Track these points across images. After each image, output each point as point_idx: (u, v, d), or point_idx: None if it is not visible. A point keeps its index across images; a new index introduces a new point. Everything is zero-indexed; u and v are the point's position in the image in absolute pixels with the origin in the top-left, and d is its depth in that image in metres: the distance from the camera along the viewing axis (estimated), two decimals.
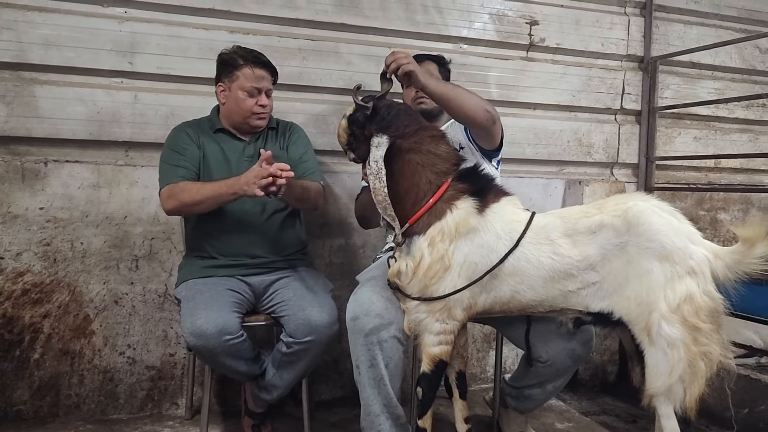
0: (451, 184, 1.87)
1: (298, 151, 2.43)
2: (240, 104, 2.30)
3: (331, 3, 2.80)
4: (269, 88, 2.35)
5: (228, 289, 2.19)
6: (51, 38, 2.45)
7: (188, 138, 2.31)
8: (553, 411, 2.84)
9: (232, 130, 2.38)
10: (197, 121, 2.42)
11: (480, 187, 1.89)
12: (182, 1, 2.60)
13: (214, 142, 2.34)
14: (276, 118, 2.51)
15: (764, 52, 3.61)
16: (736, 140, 3.61)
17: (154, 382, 2.66)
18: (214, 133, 2.36)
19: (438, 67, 2.50)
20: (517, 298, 1.85)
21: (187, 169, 2.25)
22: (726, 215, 3.56)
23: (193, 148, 2.30)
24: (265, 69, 2.32)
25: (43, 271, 2.49)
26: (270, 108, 2.37)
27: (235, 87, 2.29)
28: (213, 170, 2.29)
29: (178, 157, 2.27)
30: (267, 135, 2.43)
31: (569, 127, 3.26)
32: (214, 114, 2.42)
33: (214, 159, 2.32)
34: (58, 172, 2.50)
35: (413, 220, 1.86)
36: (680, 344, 1.65)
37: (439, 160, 1.90)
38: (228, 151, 2.34)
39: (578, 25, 3.22)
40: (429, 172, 1.88)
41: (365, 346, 1.98)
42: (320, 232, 2.86)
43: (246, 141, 2.38)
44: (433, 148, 1.91)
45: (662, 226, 1.70)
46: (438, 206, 1.85)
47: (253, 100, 2.30)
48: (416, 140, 1.90)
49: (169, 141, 2.33)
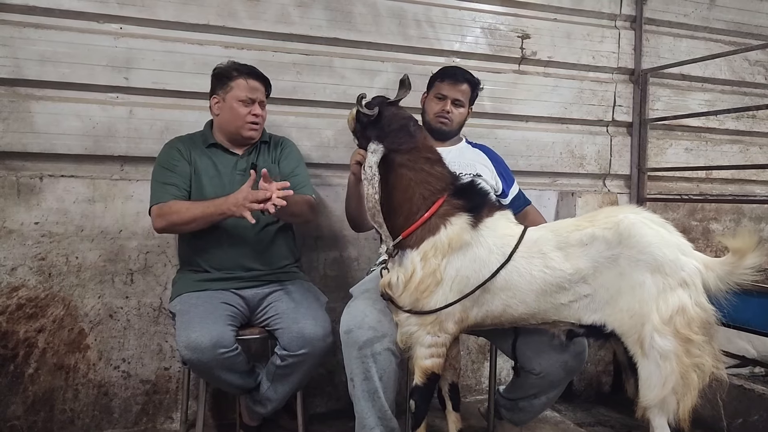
0: (447, 200, 1.89)
1: (289, 166, 2.44)
2: (234, 114, 2.32)
3: (324, 18, 2.83)
4: (263, 100, 2.37)
5: (222, 302, 2.19)
6: (47, 54, 2.47)
7: (179, 154, 2.32)
8: (548, 422, 2.84)
9: (225, 143, 2.39)
10: (190, 136, 2.43)
11: (475, 203, 1.91)
12: (177, 17, 2.62)
13: (206, 156, 2.35)
14: (269, 133, 2.53)
15: (753, 64, 3.66)
16: (726, 151, 3.65)
17: (149, 396, 2.65)
18: (207, 147, 2.37)
19: (471, 92, 2.53)
20: (509, 312, 1.86)
21: (178, 186, 2.26)
22: (718, 225, 3.59)
23: (183, 165, 2.31)
24: (259, 81, 2.35)
25: (38, 285, 2.49)
26: (263, 120, 2.39)
27: (230, 98, 2.31)
28: (205, 186, 2.30)
29: (169, 174, 2.27)
30: (260, 149, 2.45)
31: (561, 139, 3.29)
32: (207, 129, 2.43)
33: (206, 174, 2.32)
34: (53, 186, 2.51)
35: (406, 233, 1.88)
36: (673, 356, 1.67)
37: (433, 179, 1.92)
38: (220, 166, 2.35)
39: (569, 38, 3.26)
40: (423, 188, 1.90)
41: (359, 359, 1.99)
42: (315, 245, 2.87)
43: (239, 155, 2.39)
44: (428, 168, 1.93)
45: (653, 239, 1.72)
46: (432, 221, 1.86)
47: (247, 109, 2.32)
48: (410, 158, 1.92)
49: (160, 158, 2.34)
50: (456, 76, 2.48)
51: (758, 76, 3.67)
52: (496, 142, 2.92)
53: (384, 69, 2.92)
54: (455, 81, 2.47)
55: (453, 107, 2.47)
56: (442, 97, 2.47)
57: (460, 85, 2.47)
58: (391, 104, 2.00)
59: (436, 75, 2.55)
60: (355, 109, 2.00)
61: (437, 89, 2.49)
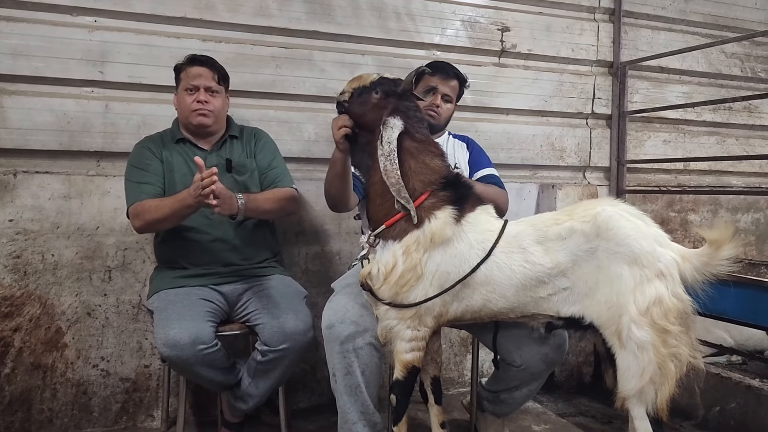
0: (433, 193, 1.88)
1: (266, 159, 2.42)
2: (182, 104, 2.31)
3: (304, 11, 2.81)
4: (209, 86, 2.30)
5: (201, 298, 2.18)
6: (19, 48, 2.42)
7: (150, 153, 2.30)
8: (530, 413, 2.87)
9: (189, 137, 2.37)
10: (159, 134, 2.40)
11: (460, 196, 1.90)
12: (153, 10, 2.59)
13: (177, 153, 2.33)
14: (240, 125, 2.50)
15: (730, 56, 3.70)
16: (704, 143, 3.69)
17: (129, 394, 2.62)
18: (176, 143, 2.35)
19: (459, 88, 2.51)
20: (488, 307, 1.86)
21: (152, 185, 2.24)
22: (696, 216, 3.63)
23: (156, 163, 2.28)
24: (203, 66, 2.31)
25: (14, 284, 2.45)
26: (215, 107, 2.32)
27: (180, 90, 2.32)
28: (177, 182, 2.27)
29: (142, 174, 2.25)
30: (230, 143, 2.41)
31: (542, 132, 3.30)
32: (174, 125, 2.41)
33: (179, 171, 2.30)
34: (27, 183, 2.46)
35: (390, 222, 1.87)
36: (650, 347, 1.68)
37: (429, 172, 1.91)
38: (191, 162, 2.31)
39: (549, 31, 3.26)
40: (417, 180, 1.89)
41: (341, 354, 1.98)
42: (296, 239, 2.85)
43: (207, 150, 2.36)
44: (429, 160, 1.93)
45: (631, 231, 1.73)
46: (417, 213, 1.85)
47: (192, 97, 2.29)
48: (418, 147, 1.92)
49: (132, 158, 2.31)
50: (447, 71, 2.45)
51: (734, 68, 3.72)
52: (477, 135, 2.92)
53: (364, 62, 2.90)
54: (446, 76, 2.44)
55: (442, 102, 2.45)
56: (432, 90, 2.42)
57: (450, 80, 2.45)
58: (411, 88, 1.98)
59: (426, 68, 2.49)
60: (376, 76, 1.96)
61: (427, 81, 2.44)
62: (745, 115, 3.79)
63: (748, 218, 3.77)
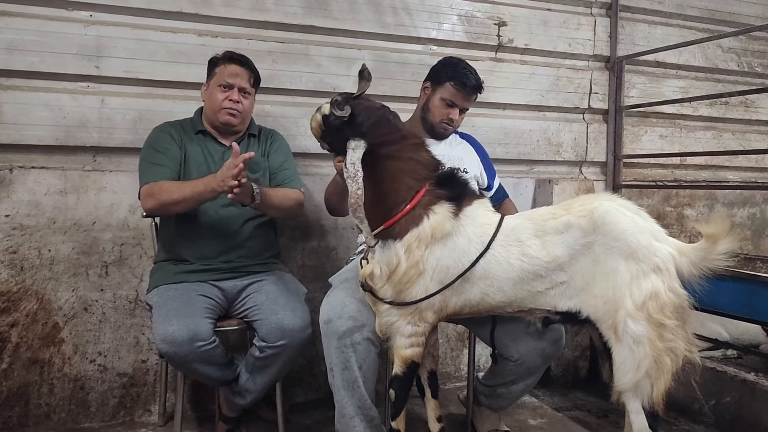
0: (429, 189, 1.87)
1: (278, 159, 2.43)
2: (212, 99, 2.31)
3: (300, 5, 2.80)
4: (243, 87, 2.33)
5: (200, 294, 2.17)
6: (14, 43, 2.41)
7: (170, 138, 2.30)
8: (526, 407, 2.88)
9: (212, 131, 2.38)
10: (180, 122, 2.41)
11: (457, 192, 1.90)
12: (149, 4, 2.58)
13: (195, 143, 2.34)
14: (258, 125, 2.51)
15: (726, 51, 3.70)
16: (700, 137, 3.69)
17: (126, 389, 2.63)
18: (196, 134, 2.36)
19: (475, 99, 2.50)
20: (486, 300, 1.87)
21: (169, 168, 2.24)
22: (692, 211, 3.64)
23: (174, 148, 2.29)
24: (241, 66, 2.33)
25: (10, 279, 2.45)
26: (244, 109, 2.35)
27: (212, 84, 2.32)
28: (192, 172, 2.28)
29: (159, 156, 2.25)
30: (248, 141, 2.43)
31: (538, 127, 3.30)
32: (196, 115, 2.42)
33: (194, 161, 2.31)
34: (23, 178, 2.45)
35: (389, 223, 1.86)
36: (646, 341, 1.68)
37: (419, 167, 1.90)
38: (208, 155, 2.33)
39: (546, 25, 3.26)
40: (409, 178, 1.88)
41: (339, 349, 1.99)
42: (293, 235, 2.85)
43: (227, 146, 2.36)
44: (414, 155, 1.91)
45: (627, 225, 1.73)
46: (416, 211, 1.84)
47: (225, 95, 2.30)
48: (398, 148, 1.89)
49: (151, 140, 2.31)
50: (472, 89, 2.40)
51: (731, 63, 3.72)
52: (474, 131, 2.92)
53: (361, 57, 2.89)
54: (470, 93, 2.41)
55: (459, 115, 2.45)
56: (452, 104, 2.41)
57: (472, 96, 2.43)
58: (357, 98, 1.91)
59: (451, 76, 2.38)
60: (320, 114, 1.91)
61: (450, 94, 2.38)
62: (742, 110, 3.80)
63: (744, 213, 3.79)
